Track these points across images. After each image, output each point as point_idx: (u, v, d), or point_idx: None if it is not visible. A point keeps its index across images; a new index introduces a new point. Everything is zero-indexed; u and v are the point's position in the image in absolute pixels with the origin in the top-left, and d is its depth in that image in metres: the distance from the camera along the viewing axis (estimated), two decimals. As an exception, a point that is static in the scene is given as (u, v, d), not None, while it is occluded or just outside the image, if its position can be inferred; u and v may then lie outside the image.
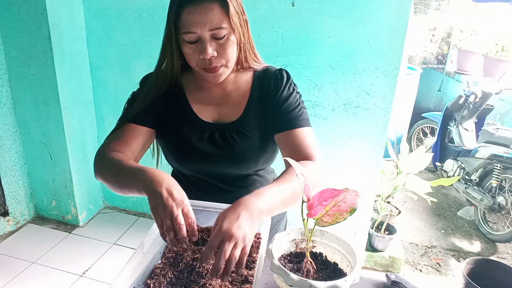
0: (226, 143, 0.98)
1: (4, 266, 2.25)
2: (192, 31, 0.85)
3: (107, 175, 0.87)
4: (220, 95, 1.01)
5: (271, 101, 0.98)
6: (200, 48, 0.87)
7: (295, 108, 0.98)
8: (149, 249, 0.84)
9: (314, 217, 0.75)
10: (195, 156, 0.99)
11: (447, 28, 4.84)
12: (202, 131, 0.99)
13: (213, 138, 0.98)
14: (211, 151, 0.98)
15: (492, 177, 2.84)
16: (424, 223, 3.11)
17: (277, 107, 0.97)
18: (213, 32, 0.86)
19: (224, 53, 0.89)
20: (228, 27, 0.87)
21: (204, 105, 1.01)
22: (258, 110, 0.99)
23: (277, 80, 0.99)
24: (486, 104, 3.30)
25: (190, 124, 0.99)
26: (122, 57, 2.43)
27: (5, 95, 2.39)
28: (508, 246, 2.88)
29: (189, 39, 0.87)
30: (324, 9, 1.94)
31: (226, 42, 0.88)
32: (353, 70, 2.01)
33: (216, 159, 0.98)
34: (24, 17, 2.18)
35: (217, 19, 0.85)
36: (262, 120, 0.99)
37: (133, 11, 2.28)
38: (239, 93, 1.00)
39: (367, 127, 2.09)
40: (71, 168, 2.52)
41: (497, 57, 4.16)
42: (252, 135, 0.98)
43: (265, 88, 0.99)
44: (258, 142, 0.99)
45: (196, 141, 0.98)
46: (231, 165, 1.00)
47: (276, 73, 1.00)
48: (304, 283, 0.69)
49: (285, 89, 0.98)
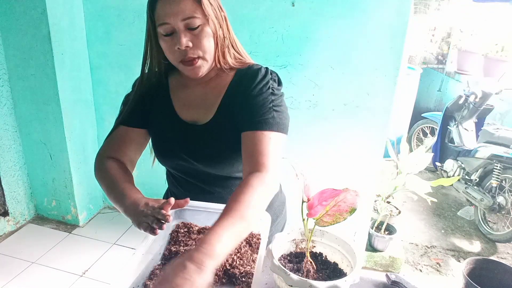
0: (199, 144, 0.97)
1: (4, 266, 2.25)
2: (166, 21, 0.86)
3: (102, 185, 0.94)
4: (199, 94, 1.00)
5: (241, 99, 0.93)
6: (175, 39, 0.88)
7: (260, 109, 0.89)
8: (149, 249, 0.84)
9: (314, 217, 0.75)
10: (173, 155, 1.00)
11: (447, 28, 4.84)
12: (179, 130, 0.99)
13: (189, 138, 0.98)
14: (186, 152, 0.99)
15: (492, 177, 2.84)
16: (424, 223, 3.11)
17: (244, 106, 0.92)
18: (186, 22, 0.86)
19: (199, 44, 0.88)
20: (202, 17, 0.87)
21: (185, 104, 1.01)
22: (231, 109, 0.94)
23: (253, 78, 0.93)
24: (486, 104, 3.30)
25: (169, 122, 1.00)
26: (122, 57, 2.43)
27: (5, 95, 2.39)
28: (508, 246, 2.88)
29: (165, 31, 0.88)
30: (324, 9, 1.94)
31: (200, 33, 0.88)
32: (353, 70, 2.01)
33: (192, 158, 0.99)
34: (24, 17, 2.18)
35: (189, 9, 0.86)
36: (234, 120, 0.94)
37: (133, 11, 2.28)
38: (216, 93, 0.98)
39: (367, 127, 2.09)
40: (71, 168, 2.52)
41: (497, 57, 4.16)
42: (224, 137, 0.95)
43: (242, 85, 0.94)
44: (231, 144, 0.94)
45: (174, 140, 1.00)
46: (206, 166, 1.00)
47: (255, 71, 0.94)
48: (304, 283, 0.69)
49: (257, 86, 0.92)
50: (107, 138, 1.01)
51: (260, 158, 0.85)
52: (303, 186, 0.75)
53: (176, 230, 0.95)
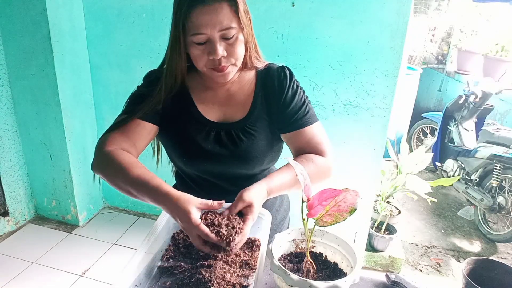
0: (232, 142, 0.97)
1: (4, 266, 2.25)
2: (202, 32, 0.85)
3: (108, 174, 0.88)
4: (224, 94, 1.01)
5: (277, 101, 0.99)
6: (209, 48, 0.87)
7: (301, 107, 0.99)
8: (150, 248, 0.84)
9: (314, 217, 0.75)
10: (201, 156, 0.98)
11: (447, 28, 4.84)
12: (208, 130, 0.98)
13: (219, 138, 0.98)
14: (217, 151, 0.98)
15: (492, 177, 2.83)
16: (424, 223, 3.11)
17: (283, 108, 0.98)
18: (223, 33, 0.86)
19: (233, 53, 0.89)
20: (237, 26, 0.87)
21: (209, 105, 1.00)
22: (264, 109, 1.00)
23: (281, 79, 0.99)
24: (486, 104, 3.30)
25: (195, 123, 0.99)
26: (122, 57, 2.43)
27: (5, 95, 2.39)
28: (508, 246, 2.88)
29: (198, 41, 0.86)
30: (324, 9, 1.94)
31: (235, 42, 0.88)
32: (353, 70, 2.01)
33: (222, 158, 0.98)
34: (24, 17, 2.18)
35: (227, 19, 0.85)
36: (267, 119, 1.00)
37: (133, 11, 2.28)
38: (243, 92, 1.01)
39: (367, 127, 2.09)
40: (71, 168, 2.52)
41: (497, 57, 4.16)
42: (257, 134, 0.98)
43: (269, 87, 1.00)
44: (263, 141, 0.99)
45: (202, 141, 0.98)
46: (237, 164, 0.99)
47: (279, 72, 1.00)
48: (304, 283, 0.69)
49: (290, 88, 0.99)
50: (114, 128, 0.95)
51: (319, 147, 0.99)
52: (303, 186, 0.75)
53: (177, 232, 0.96)
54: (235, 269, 0.82)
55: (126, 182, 0.83)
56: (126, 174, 0.83)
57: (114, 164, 0.86)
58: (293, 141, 1.00)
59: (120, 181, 0.85)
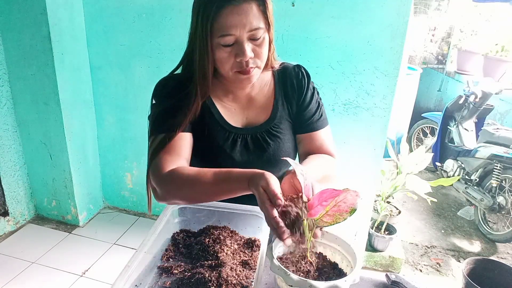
0: (259, 147, 0.96)
1: (4, 266, 2.25)
2: (231, 33, 0.82)
3: (187, 193, 0.83)
4: (245, 98, 0.99)
5: (297, 101, 1.00)
6: (237, 50, 0.84)
7: (317, 110, 1.01)
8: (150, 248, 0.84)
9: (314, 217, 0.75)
10: (228, 164, 0.94)
11: (447, 28, 4.84)
12: (234, 137, 0.96)
13: (246, 144, 0.96)
14: (245, 158, 0.96)
15: (492, 177, 2.84)
16: (424, 223, 3.11)
17: (302, 109, 1.00)
18: (251, 33, 0.84)
19: (260, 54, 0.87)
20: (264, 27, 0.85)
21: (231, 110, 0.98)
22: (285, 109, 1.00)
23: (299, 79, 1.01)
24: (486, 104, 3.30)
25: (221, 131, 0.96)
26: (122, 57, 2.42)
27: (5, 95, 2.39)
28: (508, 246, 2.88)
29: (226, 42, 0.84)
30: (324, 9, 1.94)
31: (262, 43, 0.86)
32: (353, 70, 2.01)
33: (249, 164, 0.94)
34: (24, 17, 2.18)
35: (256, 20, 0.83)
36: (288, 119, 1.01)
37: (133, 11, 2.28)
38: (263, 94, 1.00)
39: (367, 127, 2.09)
40: (71, 168, 2.52)
41: (497, 57, 4.16)
42: (283, 136, 0.98)
43: (288, 87, 1.00)
44: (289, 143, 1.00)
45: (230, 149, 0.95)
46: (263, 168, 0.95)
47: (296, 71, 1.01)
48: (304, 283, 0.69)
49: (308, 90, 1.01)
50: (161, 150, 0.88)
51: (329, 150, 1.02)
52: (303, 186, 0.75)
53: (177, 232, 0.96)
54: (235, 269, 0.82)
55: (207, 186, 0.79)
56: (203, 180, 0.79)
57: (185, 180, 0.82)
58: (305, 143, 1.01)
59: (199, 190, 0.81)
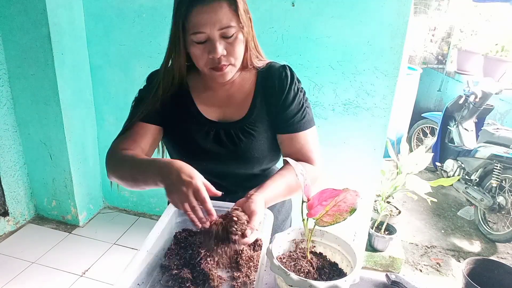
0: (231, 142, 0.98)
1: (4, 266, 2.25)
2: (202, 31, 0.85)
3: (121, 172, 0.90)
4: (225, 94, 1.01)
5: (277, 102, 0.99)
6: (209, 47, 0.87)
7: (299, 111, 0.99)
8: (152, 247, 0.84)
9: (314, 217, 0.75)
10: (200, 155, 0.99)
11: (447, 28, 4.84)
12: (207, 130, 0.99)
13: (218, 137, 0.98)
14: (216, 150, 0.98)
15: (492, 177, 2.84)
16: (424, 223, 3.11)
17: (282, 109, 0.98)
18: (222, 31, 0.86)
19: (233, 52, 0.89)
20: (237, 25, 0.87)
21: (209, 104, 1.01)
22: (263, 109, 1.00)
23: (281, 79, 0.99)
24: (486, 104, 3.30)
25: (195, 123, 0.99)
26: (122, 57, 2.42)
27: (5, 95, 2.39)
28: (508, 246, 2.88)
29: (198, 40, 0.87)
30: (324, 9, 1.94)
31: (234, 41, 0.88)
32: (353, 70, 2.01)
33: (221, 158, 0.98)
34: (24, 17, 2.18)
35: (226, 18, 0.85)
36: (267, 119, 1.00)
37: (133, 11, 2.28)
38: (243, 92, 1.01)
39: (367, 127, 2.09)
40: (71, 168, 2.52)
41: (497, 57, 4.16)
42: (257, 134, 0.99)
43: (269, 87, 1.00)
44: (263, 141, 0.99)
45: (202, 140, 0.98)
46: (236, 164, 1.00)
47: (280, 71, 1.01)
48: (304, 283, 0.69)
49: (291, 90, 0.99)
50: (120, 135, 0.98)
51: (309, 154, 0.99)
52: (303, 186, 0.75)
53: (179, 231, 0.96)
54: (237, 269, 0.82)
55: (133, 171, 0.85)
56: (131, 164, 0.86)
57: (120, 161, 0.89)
58: (285, 145, 1.00)
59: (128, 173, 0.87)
